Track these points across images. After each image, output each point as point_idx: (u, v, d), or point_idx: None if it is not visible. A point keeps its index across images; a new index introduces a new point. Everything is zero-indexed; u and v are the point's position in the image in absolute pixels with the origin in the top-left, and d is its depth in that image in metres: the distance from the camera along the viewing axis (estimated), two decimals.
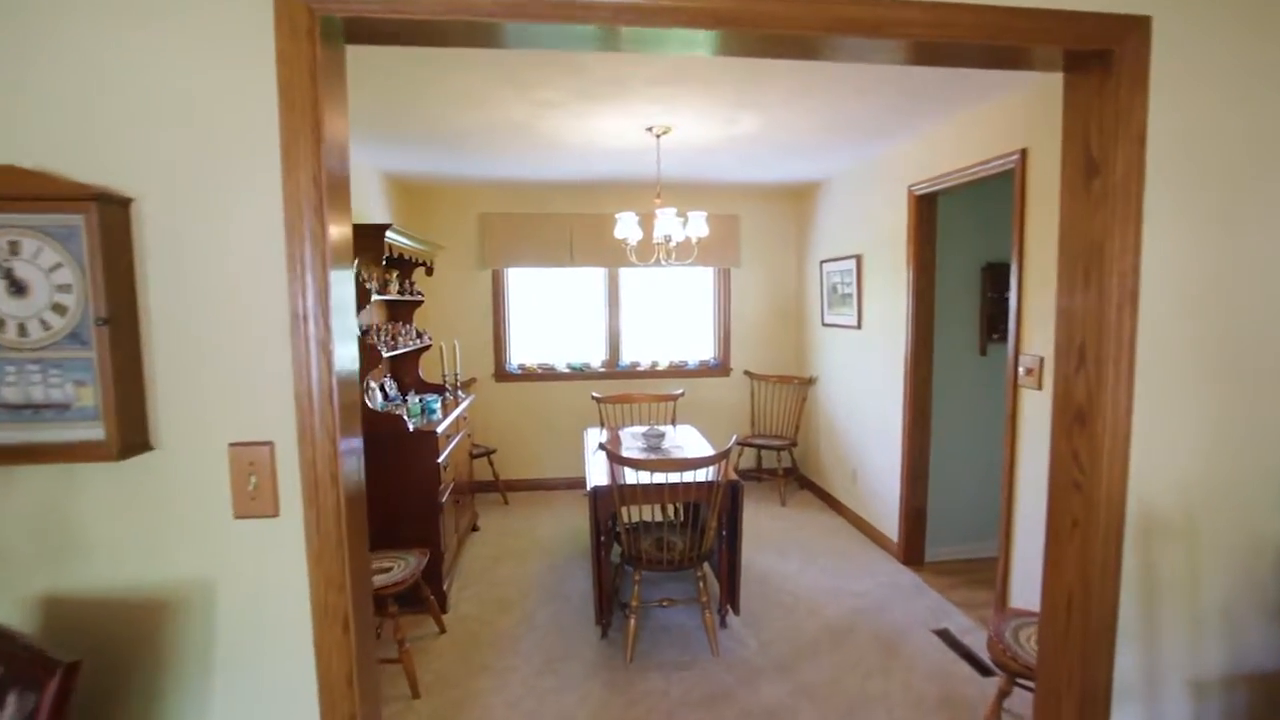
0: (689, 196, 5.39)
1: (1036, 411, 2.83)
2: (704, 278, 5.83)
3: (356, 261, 3.31)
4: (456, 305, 5.55)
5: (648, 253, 3.54)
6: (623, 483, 2.92)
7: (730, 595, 3.22)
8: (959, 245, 3.90)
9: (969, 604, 3.44)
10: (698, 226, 3.40)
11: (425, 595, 3.16)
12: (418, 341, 4.48)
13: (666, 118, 3.26)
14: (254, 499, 1.25)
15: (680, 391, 4.73)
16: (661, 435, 3.69)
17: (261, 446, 1.25)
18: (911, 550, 3.94)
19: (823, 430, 5.26)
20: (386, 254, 3.36)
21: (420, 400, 3.99)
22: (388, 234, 3.27)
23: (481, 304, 5.58)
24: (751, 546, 4.26)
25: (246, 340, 1.24)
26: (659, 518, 3.78)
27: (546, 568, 4.01)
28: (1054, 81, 1.95)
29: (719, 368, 5.81)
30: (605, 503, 3.03)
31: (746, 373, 5.80)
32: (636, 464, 2.82)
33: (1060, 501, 1.60)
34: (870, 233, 4.37)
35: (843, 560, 4.04)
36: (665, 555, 3.01)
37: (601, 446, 2.95)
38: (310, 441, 1.24)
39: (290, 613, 1.29)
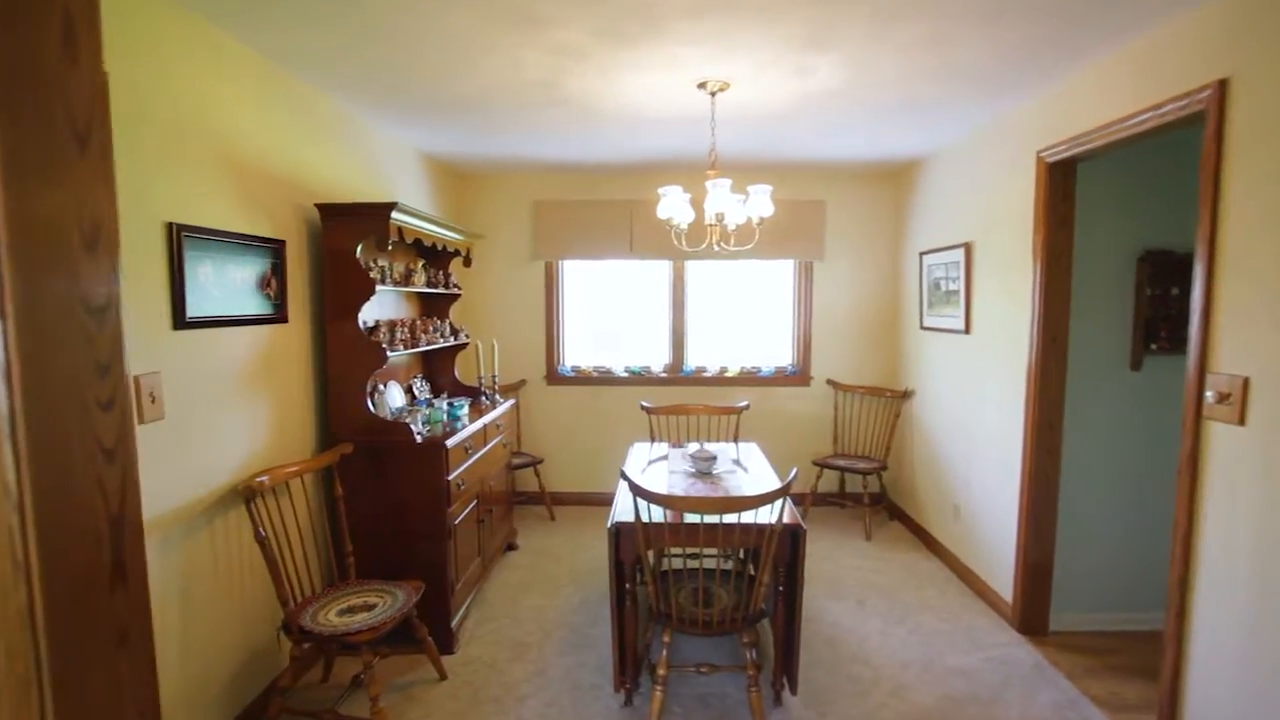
0: (761, 179, 4.71)
1: (1236, 452, 1.98)
2: (782, 273, 5.11)
3: (360, 247, 2.90)
4: (507, 301, 5.13)
5: (702, 237, 2.91)
6: (648, 520, 2.32)
7: (787, 665, 2.54)
8: (1105, 226, 3.02)
9: (1117, 702, 2.58)
10: (760, 204, 2.75)
11: (421, 636, 2.69)
12: (452, 339, 4.07)
13: (719, 68, 2.63)
14: None
15: (744, 404, 4.06)
16: (712, 459, 3.05)
17: None
18: (1031, 615, 3.10)
19: (919, 454, 4.43)
20: (395, 239, 2.92)
21: (448, 405, 3.56)
22: (393, 214, 2.83)
23: (534, 300, 5.13)
24: (824, 591, 3.53)
25: None
26: (702, 561, 3.14)
27: (578, 603, 3.47)
28: None
29: (798, 376, 5.07)
30: (630, 543, 2.44)
31: (829, 382, 5.03)
32: (659, 500, 2.21)
33: None
34: (983, 214, 3.54)
35: (940, 620, 3.24)
36: (703, 613, 2.38)
37: (623, 475, 2.37)
38: None
39: None
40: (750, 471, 3.17)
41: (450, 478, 2.99)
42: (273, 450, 2.64)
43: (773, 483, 2.96)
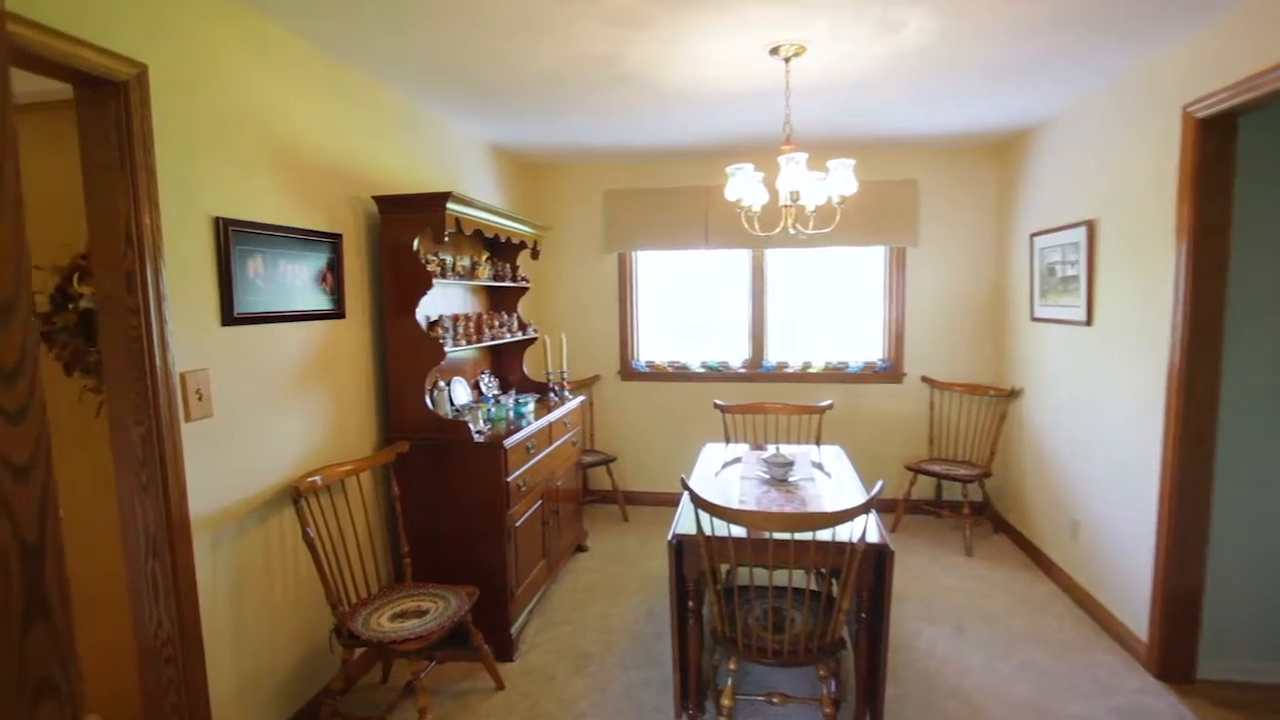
0: (844, 155, 4.33)
1: None
2: (871, 261, 4.70)
3: (417, 240, 2.82)
4: (580, 294, 5.01)
5: (776, 220, 2.64)
6: (711, 534, 2.09)
7: (870, 701, 2.24)
8: (1274, 194, 2.50)
9: None
10: (841, 180, 2.44)
11: (476, 643, 2.58)
12: (520, 333, 3.98)
13: (792, 30, 2.34)
14: None
15: (827, 403, 3.73)
16: (788, 464, 2.77)
17: None
18: (1173, 657, 2.63)
19: (1029, 461, 3.94)
20: (453, 230, 2.82)
21: (513, 401, 3.45)
22: (449, 204, 2.73)
23: (607, 293, 4.98)
24: (917, 612, 3.17)
25: None
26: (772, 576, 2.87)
27: (645, 612, 3.28)
28: None
29: (889, 372, 4.66)
30: (694, 557, 2.21)
31: (924, 380, 4.59)
32: (720, 513, 1.97)
33: None
34: (1110, 187, 3.05)
35: (1055, 656, 2.82)
36: (774, 640, 2.12)
37: (684, 484, 2.15)
38: None
39: None
40: (832, 478, 2.87)
41: (509, 479, 2.87)
42: (332, 448, 2.60)
43: (856, 493, 2.65)
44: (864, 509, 1.91)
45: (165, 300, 1.83)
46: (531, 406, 3.51)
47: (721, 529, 2.11)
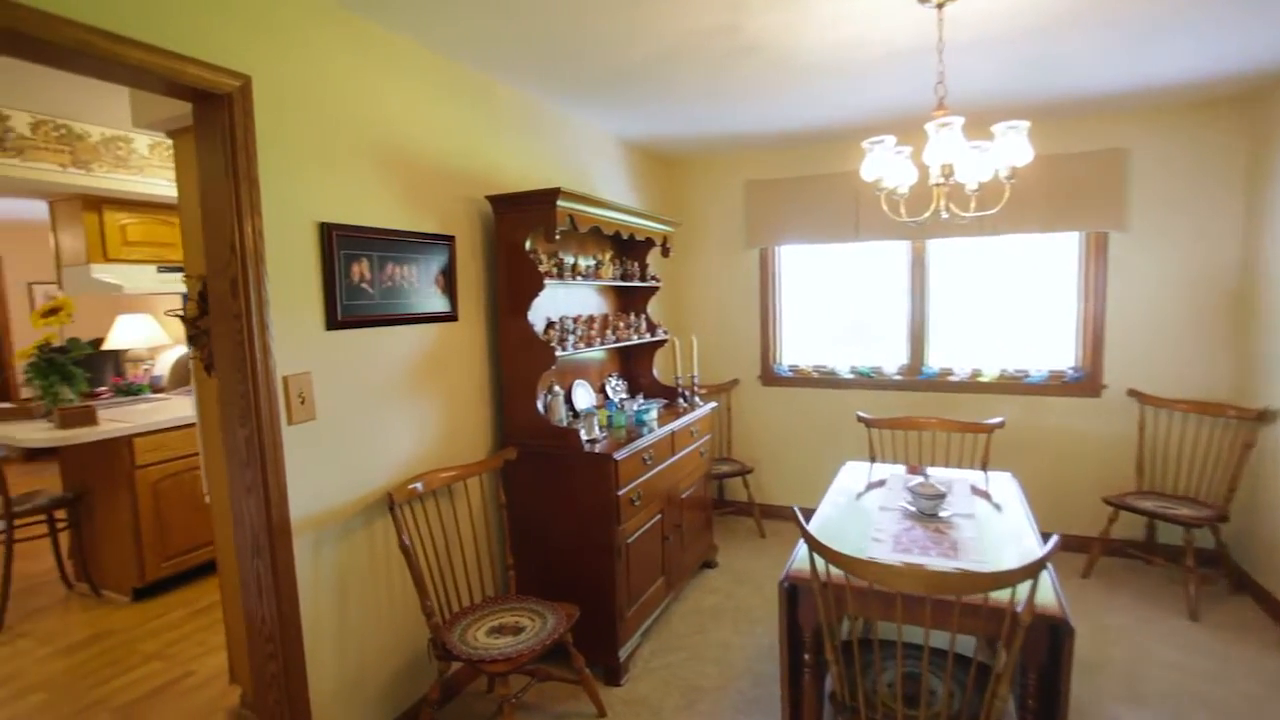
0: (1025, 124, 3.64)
1: None
2: (1060, 249, 3.93)
3: (529, 239, 2.72)
4: (719, 293, 4.74)
5: (925, 203, 2.20)
6: (827, 580, 1.74)
7: None
8: None
9: None
10: (1011, 149, 1.94)
11: (577, 667, 2.43)
12: (648, 335, 3.80)
13: None
14: None
15: (997, 420, 3.12)
16: (939, 497, 2.31)
17: None
18: None
19: None
20: (566, 227, 2.69)
21: (636, 407, 3.28)
22: (559, 201, 2.60)
23: (747, 292, 4.67)
24: (1115, 692, 2.53)
25: None
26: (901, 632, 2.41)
27: (770, 647, 2.95)
28: None
29: (1083, 383, 3.87)
30: (811, 606, 1.88)
31: (1132, 393, 3.74)
32: (833, 558, 1.62)
33: None
34: None
35: None
36: (906, 715, 1.73)
37: (796, 518, 1.81)
38: None
39: None
40: (999, 514, 2.35)
41: (621, 492, 2.69)
42: (443, 452, 2.59)
43: (1026, 538, 2.13)
44: (1030, 571, 1.46)
45: (267, 305, 1.86)
46: (655, 413, 3.31)
47: (842, 573, 1.75)
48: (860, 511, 2.46)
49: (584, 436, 2.77)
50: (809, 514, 4.63)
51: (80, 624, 3.40)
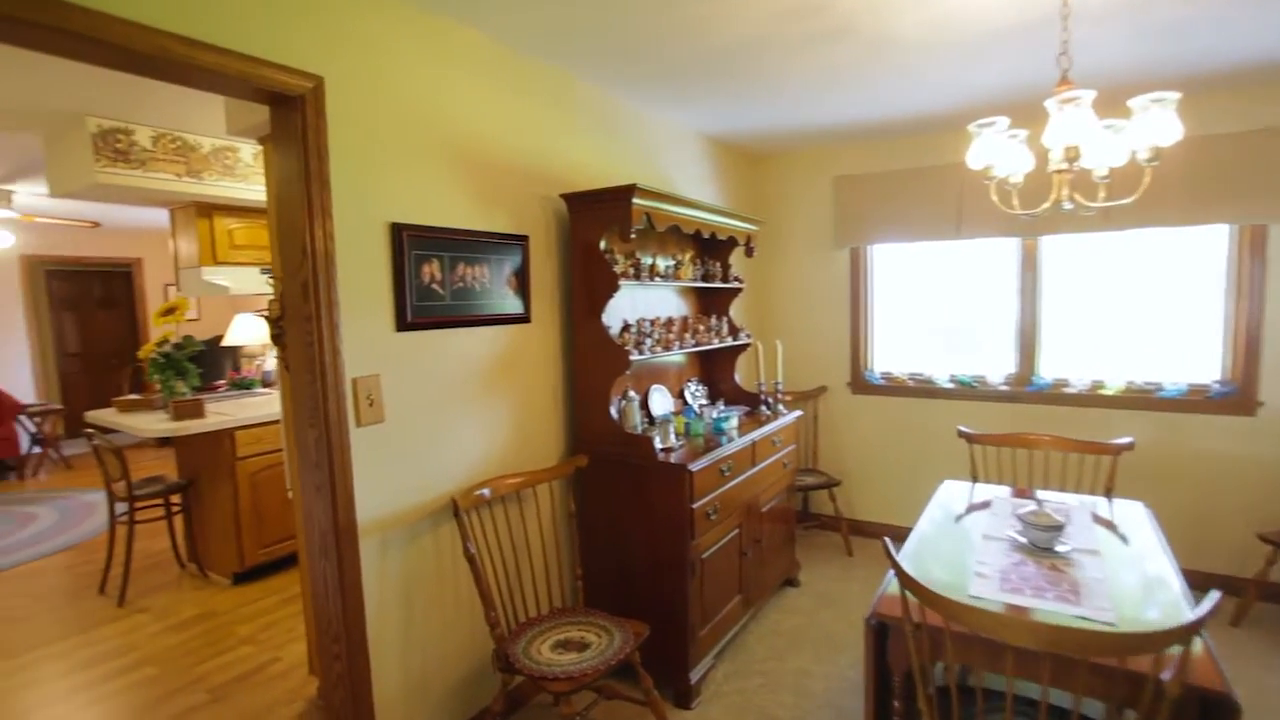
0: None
1: None
2: (1204, 245, 3.44)
3: (604, 239, 2.64)
4: (805, 295, 4.51)
5: (1045, 194, 1.92)
6: (921, 622, 1.53)
7: None
8: None
9: None
10: (1154, 126, 1.66)
11: (645, 687, 2.31)
12: (729, 339, 3.64)
13: None
14: None
15: (1125, 441, 2.74)
16: (1056, 529, 2.02)
17: None
18: None
19: None
20: (642, 226, 2.59)
21: (716, 414, 3.14)
22: (635, 199, 2.49)
23: (836, 294, 4.40)
24: None
25: None
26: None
27: (855, 679, 2.72)
28: None
29: (1232, 399, 3.37)
30: (902, 647, 1.67)
31: None
32: (932, 601, 1.41)
33: None
34: None
35: None
36: None
37: (887, 550, 1.61)
38: None
39: None
40: (1128, 550, 2.04)
41: (695, 505, 2.55)
42: (514, 457, 2.54)
43: (1168, 583, 1.82)
44: (1181, 635, 1.21)
45: (337, 306, 1.86)
46: (735, 421, 3.14)
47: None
48: (960, 537, 2.20)
49: (658, 445, 2.65)
50: (899, 533, 4.32)
51: (189, 603, 3.63)
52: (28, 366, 7.04)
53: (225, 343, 5.48)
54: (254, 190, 3.98)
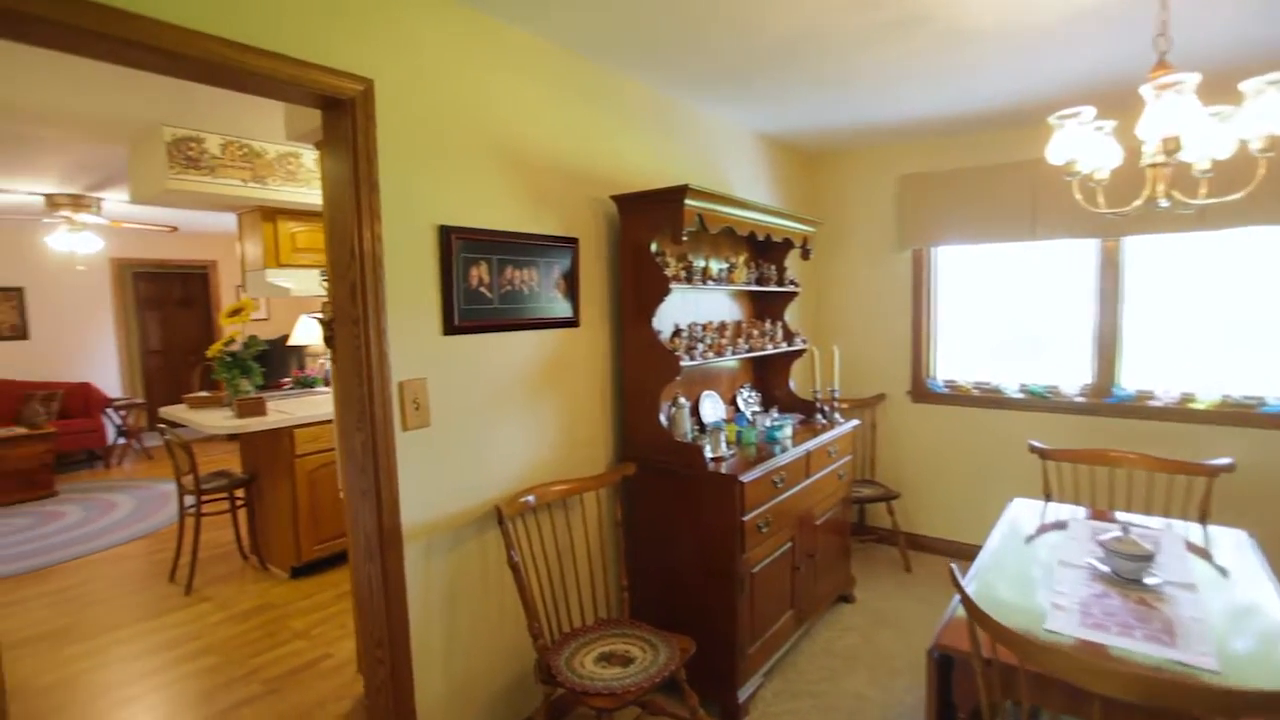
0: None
1: None
2: None
3: (655, 241, 2.57)
4: (865, 298, 4.34)
5: (1135, 191, 1.76)
6: (991, 658, 1.40)
7: None
8: None
9: None
10: (1268, 112, 1.48)
11: (690, 705, 2.22)
12: (784, 344, 3.52)
13: None
14: None
15: (1224, 461, 2.50)
16: (1146, 558, 1.84)
17: None
18: None
19: None
20: (694, 228, 2.51)
21: (769, 422, 3.03)
22: (686, 200, 2.42)
23: (898, 298, 4.22)
24: None
25: None
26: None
27: (913, 703, 2.57)
28: None
29: None
30: (969, 682, 1.54)
31: None
32: (1014, 642, 1.28)
33: None
34: None
35: None
36: None
37: (954, 579, 1.48)
38: None
39: None
40: (1228, 584, 1.84)
41: (746, 518, 2.46)
42: (561, 464, 2.50)
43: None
44: None
45: (384, 310, 1.85)
46: (789, 430, 3.03)
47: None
48: (1032, 560, 2.04)
49: (708, 454, 2.57)
50: (961, 550, 4.08)
51: (250, 594, 3.74)
52: (114, 362, 7.47)
53: (291, 342, 5.67)
54: (315, 194, 4.09)
